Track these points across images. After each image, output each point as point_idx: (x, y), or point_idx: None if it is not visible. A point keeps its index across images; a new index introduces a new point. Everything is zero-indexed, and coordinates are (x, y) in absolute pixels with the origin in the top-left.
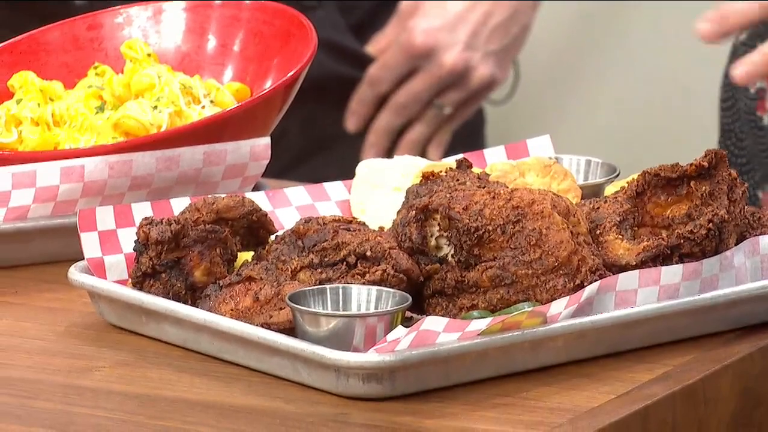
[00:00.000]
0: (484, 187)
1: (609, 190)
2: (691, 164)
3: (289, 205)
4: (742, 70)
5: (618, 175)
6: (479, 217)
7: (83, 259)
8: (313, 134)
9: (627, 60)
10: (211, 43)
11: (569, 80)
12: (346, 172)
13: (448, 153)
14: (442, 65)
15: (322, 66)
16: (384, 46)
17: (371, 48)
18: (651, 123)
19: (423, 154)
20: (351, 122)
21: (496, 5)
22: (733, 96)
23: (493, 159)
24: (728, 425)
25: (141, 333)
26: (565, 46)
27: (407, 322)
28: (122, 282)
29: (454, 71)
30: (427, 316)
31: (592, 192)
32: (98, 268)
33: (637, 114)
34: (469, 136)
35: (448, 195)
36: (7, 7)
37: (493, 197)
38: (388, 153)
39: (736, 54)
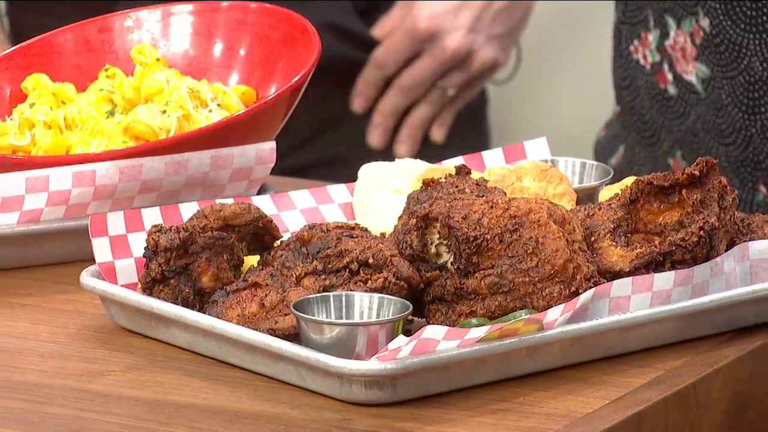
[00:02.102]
0: (482, 195)
1: (603, 193)
2: (683, 172)
3: (293, 208)
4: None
5: (612, 177)
6: (478, 226)
7: (94, 262)
8: (321, 114)
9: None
10: (218, 46)
11: (567, 60)
12: (352, 150)
13: (451, 131)
14: (445, 48)
15: (330, 48)
16: (389, 29)
17: (377, 31)
18: None
19: (427, 133)
20: (357, 103)
21: None
22: (629, 75)
23: (491, 161)
24: (719, 427)
25: (151, 336)
26: (561, 27)
27: (408, 324)
28: (132, 285)
29: (457, 54)
30: (427, 322)
31: (586, 195)
32: (109, 273)
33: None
34: (472, 116)
35: (447, 204)
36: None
37: (491, 206)
38: (393, 132)
39: (620, 34)
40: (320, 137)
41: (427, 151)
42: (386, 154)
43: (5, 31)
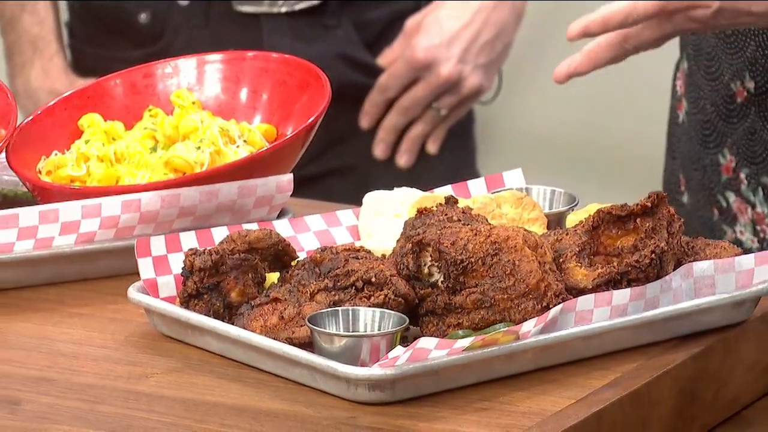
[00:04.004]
0: (467, 223)
1: (570, 218)
2: (637, 204)
3: (308, 231)
4: (576, 25)
5: (577, 204)
6: (464, 251)
7: (140, 278)
8: (333, 130)
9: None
10: (244, 91)
11: (541, 84)
12: (360, 161)
13: (443, 145)
14: (439, 76)
15: (341, 75)
16: (392, 58)
17: (381, 60)
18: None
19: (423, 146)
20: (364, 121)
21: (485, 26)
22: (672, 98)
23: (475, 190)
24: (668, 421)
25: (187, 342)
26: (537, 52)
27: (406, 332)
28: (171, 298)
29: (449, 81)
30: (421, 332)
31: (555, 218)
32: (152, 288)
33: (601, 110)
34: (461, 131)
35: (438, 231)
36: (81, 21)
37: (476, 234)
38: (394, 146)
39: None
40: (333, 149)
41: (424, 161)
42: (388, 163)
43: (67, 60)
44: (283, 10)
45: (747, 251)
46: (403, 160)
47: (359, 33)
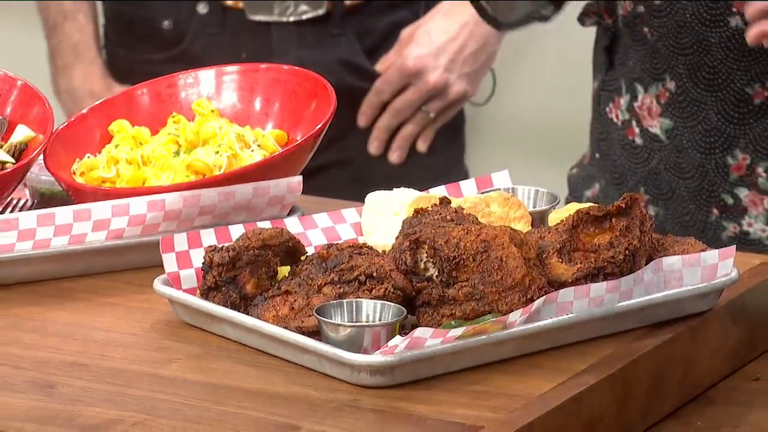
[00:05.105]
0: (459, 223)
1: (552, 216)
2: (613, 205)
3: (316, 227)
4: (755, 31)
5: (558, 202)
6: (456, 248)
7: (164, 272)
8: (334, 128)
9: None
10: (258, 99)
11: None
12: (357, 155)
13: (436, 143)
14: (427, 83)
15: (342, 79)
16: (387, 65)
17: (378, 66)
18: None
19: (414, 144)
20: (362, 120)
21: (470, 38)
22: (605, 130)
23: (467, 190)
24: (641, 401)
25: (207, 330)
26: (528, 61)
27: (404, 322)
28: (192, 290)
29: (436, 87)
30: (417, 322)
31: (539, 216)
32: (176, 280)
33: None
34: (452, 131)
35: (433, 230)
36: (114, 26)
37: (467, 233)
38: (388, 143)
39: (599, 99)
40: (334, 145)
41: (415, 157)
42: (382, 158)
43: (103, 61)
44: (291, 19)
45: (756, 241)
46: (394, 156)
47: (360, 41)
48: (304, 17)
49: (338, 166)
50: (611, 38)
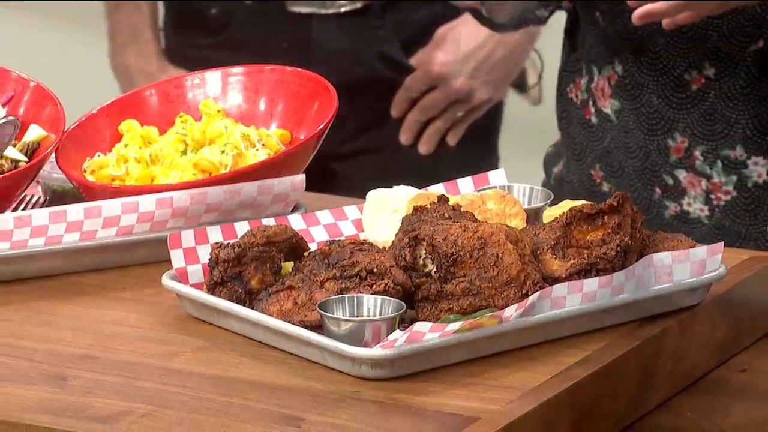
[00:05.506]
0: (457, 220)
1: (546, 213)
2: (605, 203)
3: (318, 224)
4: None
5: (552, 199)
6: (454, 245)
7: (172, 267)
8: (368, 116)
9: None
10: (263, 100)
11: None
12: (388, 143)
13: (463, 140)
14: (451, 88)
15: (378, 71)
16: (421, 60)
17: (412, 60)
18: None
19: (443, 139)
20: (394, 111)
21: (499, 45)
22: (566, 109)
23: (464, 187)
24: (632, 392)
25: (214, 324)
26: None
27: (404, 316)
28: (199, 285)
29: (460, 92)
30: (416, 316)
31: (533, 212)
32: (183, 276)
33: None
34: (483, 129)
35: (432, 228)
36: (169, 13)
37: (464, 230)
38: (417, 136)
39: (561, 79)
40: (367, 132)
41: (443, 149)
42: (412, 147)
43: (161, 47)
44: (331, 11)
45: (693, 220)
46: (423, 148)
47: (398, 33)
48: (343, 10)
49: (371, 153)
50: (572, 21)
